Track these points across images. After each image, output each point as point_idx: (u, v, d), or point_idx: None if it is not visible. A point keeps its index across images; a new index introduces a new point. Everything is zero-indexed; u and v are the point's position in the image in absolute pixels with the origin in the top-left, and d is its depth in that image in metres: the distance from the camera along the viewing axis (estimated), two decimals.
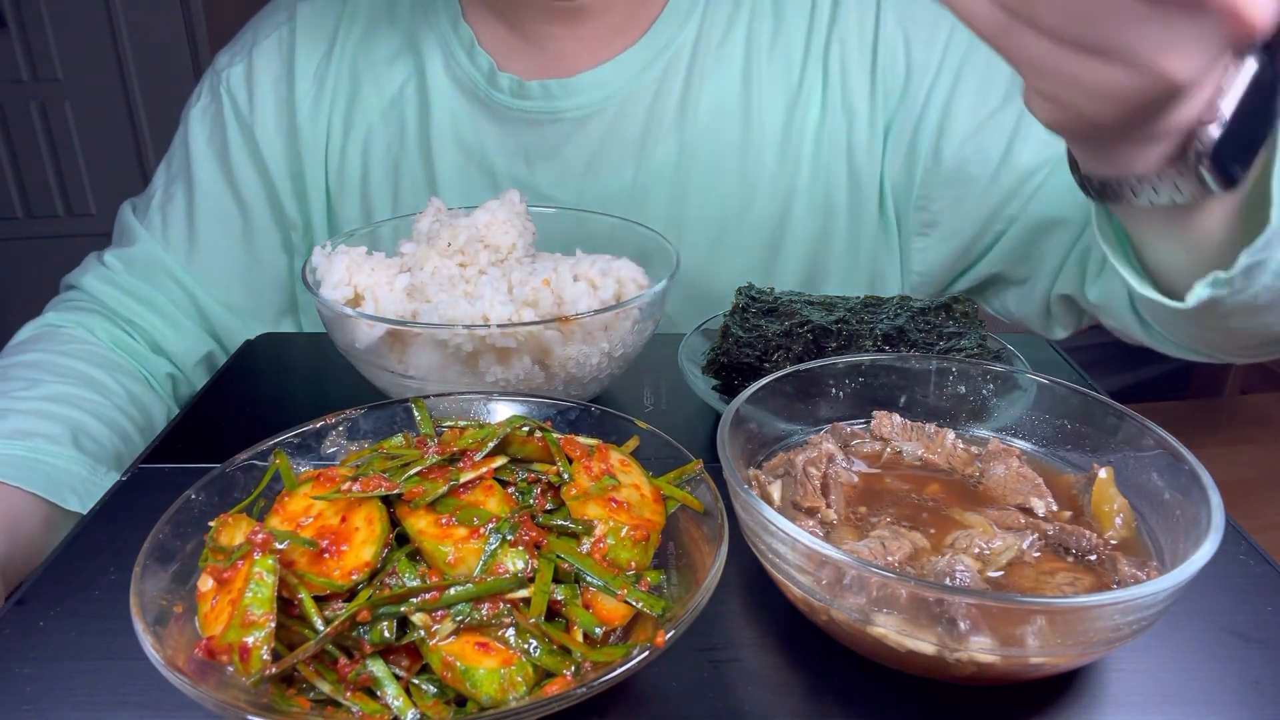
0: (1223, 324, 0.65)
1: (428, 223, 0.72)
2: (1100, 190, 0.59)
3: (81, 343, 0.85)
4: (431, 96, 0.93)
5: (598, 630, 0.40)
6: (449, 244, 0.68)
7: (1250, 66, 0.50)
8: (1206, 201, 0.56)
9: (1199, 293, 0.60)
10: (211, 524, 0.43)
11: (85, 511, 0.61)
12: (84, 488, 0.68)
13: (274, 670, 0.37)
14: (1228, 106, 0.50)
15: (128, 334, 0.91)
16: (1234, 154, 0.53)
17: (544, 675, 0.39)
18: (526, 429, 0.47)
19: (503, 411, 0.54)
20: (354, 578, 0.40)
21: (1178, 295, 0.62)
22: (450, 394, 0.56)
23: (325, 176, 0.97)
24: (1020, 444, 0.56)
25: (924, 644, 0.39)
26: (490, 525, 0.41)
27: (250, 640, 0.37)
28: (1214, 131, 0.51)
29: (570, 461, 0.46)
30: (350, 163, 0.96)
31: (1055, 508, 0.49)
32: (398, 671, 0.39)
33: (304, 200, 0.98)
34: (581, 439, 0.49)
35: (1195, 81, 0.47)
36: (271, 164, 0.96)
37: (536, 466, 0.47)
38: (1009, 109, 0.86)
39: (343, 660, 0.38)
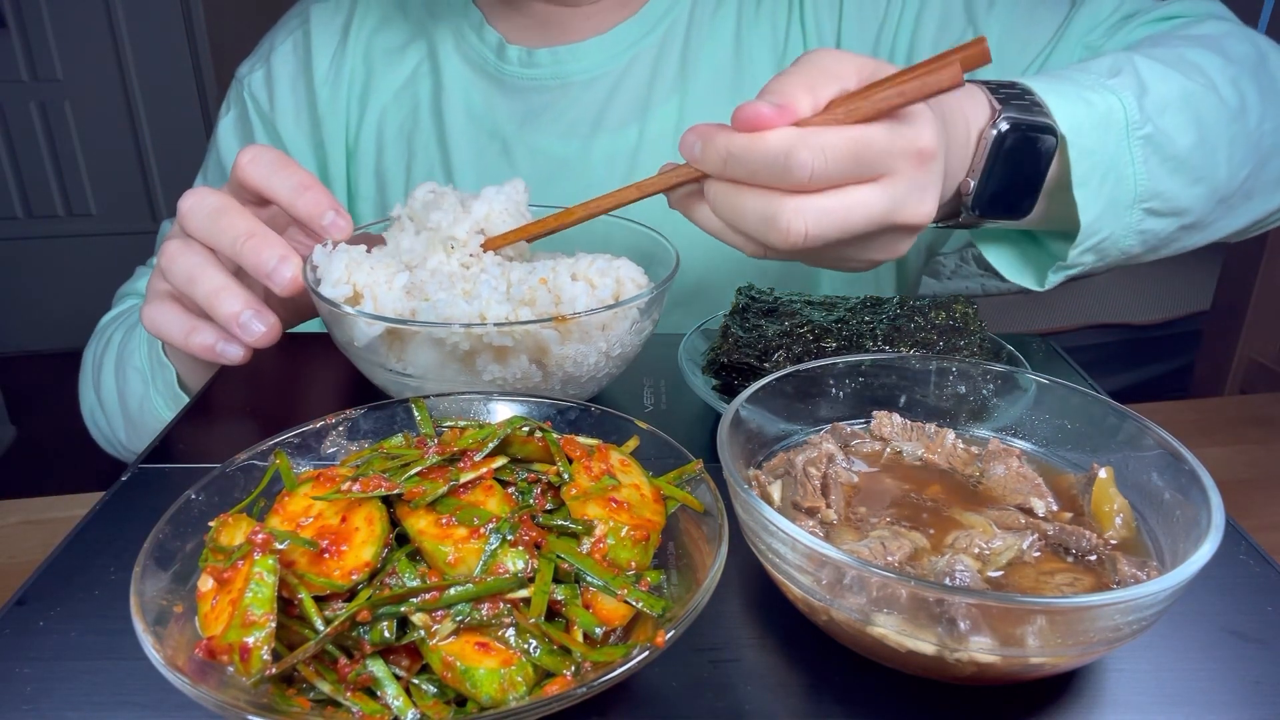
0: (1137, 264, 0.73)
1: (423, 193, 0.71)
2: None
3: None
4: (444, 75, 0.98)
5: (598, 630, 0.40)
6: (452, 245, 0.68)
7: (990, 139, 0.60)
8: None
9: (1053, 279, 0.69)
10: (211, 524, 0.43)
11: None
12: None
13: (274, 670, 0.37)
14: (974, 178, 0.60)
15: None
16: (1011, 199, 0.63)
17: (544, 675, 0.39)
18: (526, 429, 0.47)
19: (503, 411, 0.54)
20: (354, 578, 0.40)
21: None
22: (450, 394, 0.56)
23: (345, 158, 1.02)
24: (1020, 444, 0.56)
25: (924, 644, 0.39)
26: (490, 525, 0.41)
27: (250, 640, 0.37)
28: (969, 200, 0.61)
29: (570, 461, 0.46)
30: (365, 142, 1.01)
31: (1055, 508, 0.49)
32: (398, 671, 0.39)
33: (329, 186, 1.02)
34: (581, 439, 0.49)
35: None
36: (296, 157, 1.01)
37: (536, 466, 0.47)
38: (969, 33, 0.90)
39: (343, 660, 0.38)
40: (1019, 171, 0.62)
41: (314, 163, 1.02)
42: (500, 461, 0.46)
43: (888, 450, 0.55)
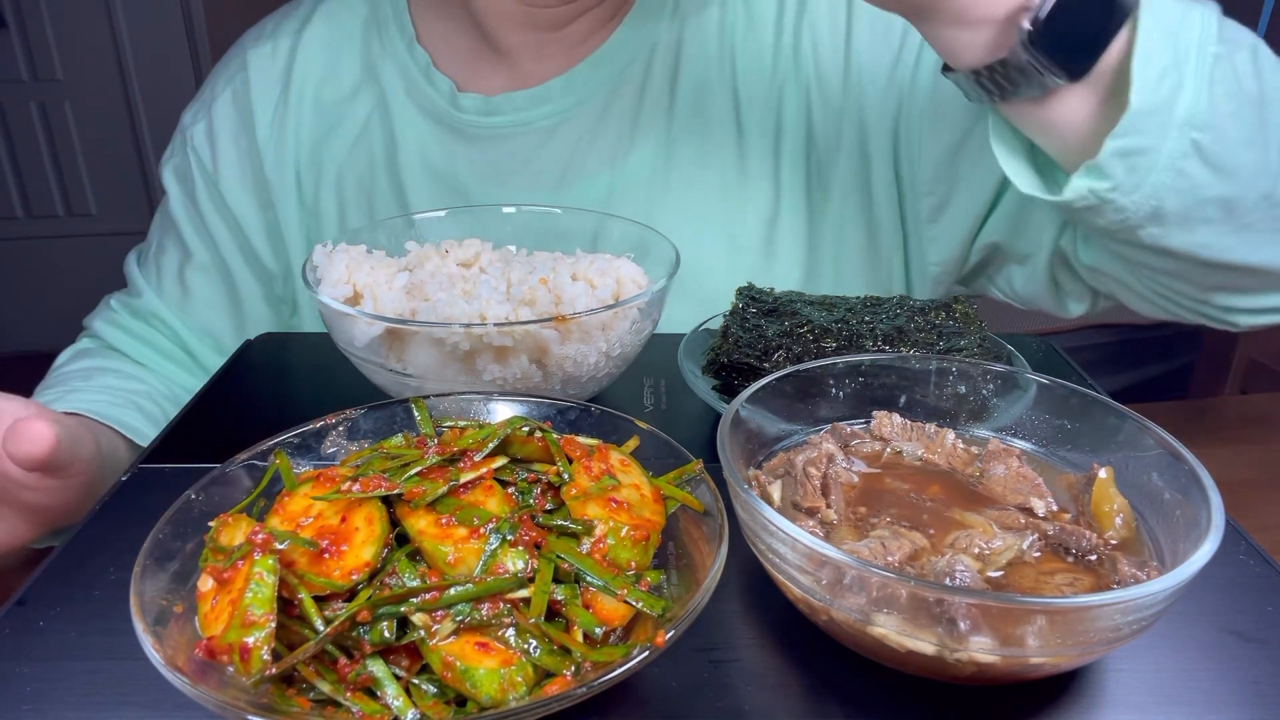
0: (1157, 243, 0.65)
1: None
2: (978, 90, 0.63)
3: (120, 353, 0.95)
4: (396, 125, 0.92)
5: (598, 630, 0.40)
6: (446, 251, 0.69)
7: None
8: (1063, 95, 0.59)
9: (1075, 184, 0.61)
10: (211, 524, 0.43)
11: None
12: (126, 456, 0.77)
13: (274, 670, 0.37)
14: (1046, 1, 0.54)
15: (140, 367, 0.96)
16: (1072, 45, 0.57)
17: (544, 675, 0.39)
18: (526, 429, 0.47)
19: (503, 411, 0.54)
20: (354, 578, 0.40)
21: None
22: (450, 394, 0.56)
23: (300, 220, 0.96)
24: (1020, 444, 0.56)
25: (924, 644, 0.39)
26: (490, 525, 0.41)
27: (250, 640, 0.37)
28: (1026, 23, 0.55)
29: (570, 461, 0.46)
30: (325, 204, 0.94)
31: (1055, 508, 0.49)
32: (398, 671, 0.39)
33: (281, 248, 0.96)
34: (581, 439, 0.49)
35: None
36: (242, 218, 0.95)
37: (536, 466, 0.47)
38: None
39: (343, 660, 0.38)
40: (1089, 16, 0.56)
41: (260, 223, 0.95)
42: (500, 461, 0.46)
43: (888, 450, 0.55)
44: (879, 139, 0.88)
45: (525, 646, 0.39)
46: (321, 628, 0.38)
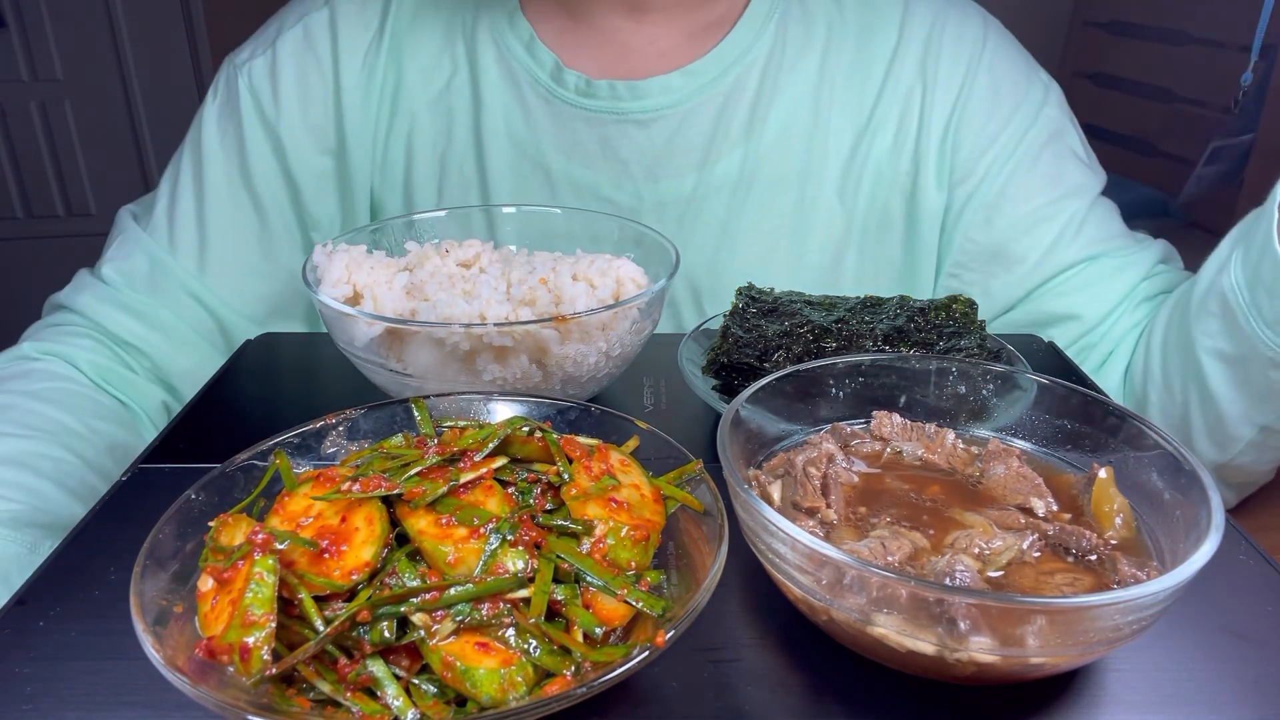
0: None
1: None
2: None
3: (61, 380, 0.79)
4: (483, 90, 0.91)
5: (598, 630, 0.40)
6: (447, 250, 0.68)
7: None
8: None
9: None
10: (211, 524, 0.43)
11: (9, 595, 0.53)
12: (15, 569, 0.60)
13: (274, 670, 0.37)
14: None
15: (123, 362, 0.87)
16: None
17: (544, 675, 0.39)
18: (526, 429, 0.47)
19: (503, 411, 0.54)
20: (354, 578, 0.40)
21: None
22: (450, 394, 0.56)
23: (370, 168, 0.94)
24: (1020, 444, 0.56)
25: (924, 644, 0.39)
26: (490, 525, 0.41)
27: (250, 640, 0.37)
28: None
29: (570, 461, 0.46)
30: (393, 155, 0.93)
31: (1055, 508, 0.49)
32: (398, 671, 0.39)
33: (349, 196, 0.94)
34: (581, 439, 0.49)
35: None
36: (295, 162, 0.92)
37: (536, 466, 0.47)
38: (1068, 203, 0.89)
39: (343, 660, 0.38)
40: None
41: (315, 167, 0.92)
42: (500, 461, 0.46)
43: (888, 450, 0.55)
44: (947, 211, 0.92)
45: (525, 646, 0.39)
46: (321, 628, 0.38)
